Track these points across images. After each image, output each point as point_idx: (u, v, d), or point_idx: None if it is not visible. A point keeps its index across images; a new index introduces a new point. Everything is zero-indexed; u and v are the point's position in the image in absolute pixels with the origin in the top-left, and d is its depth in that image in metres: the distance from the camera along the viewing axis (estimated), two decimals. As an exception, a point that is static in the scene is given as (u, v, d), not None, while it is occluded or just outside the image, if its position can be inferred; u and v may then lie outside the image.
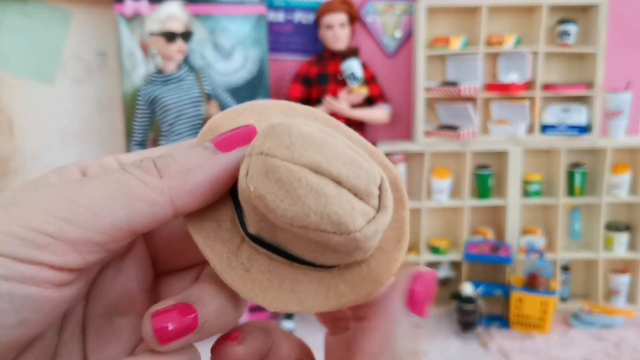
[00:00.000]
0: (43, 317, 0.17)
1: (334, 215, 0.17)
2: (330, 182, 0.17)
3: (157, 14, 1.98)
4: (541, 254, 2.26)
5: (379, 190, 0.18)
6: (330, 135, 0.19)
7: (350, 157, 0.18)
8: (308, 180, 0.17)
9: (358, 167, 0.18)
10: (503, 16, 2.41)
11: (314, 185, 0.17)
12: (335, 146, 0.18)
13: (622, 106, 2.27)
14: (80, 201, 0.17)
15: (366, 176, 0.18)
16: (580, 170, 2.36)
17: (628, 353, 2.01)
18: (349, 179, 0.17)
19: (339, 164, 0.17)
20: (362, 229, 0.17)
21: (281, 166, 0.17)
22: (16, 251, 0.16)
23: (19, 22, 2.24)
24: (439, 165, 2.43)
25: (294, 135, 0.18)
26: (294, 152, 0.17)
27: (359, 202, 0.17)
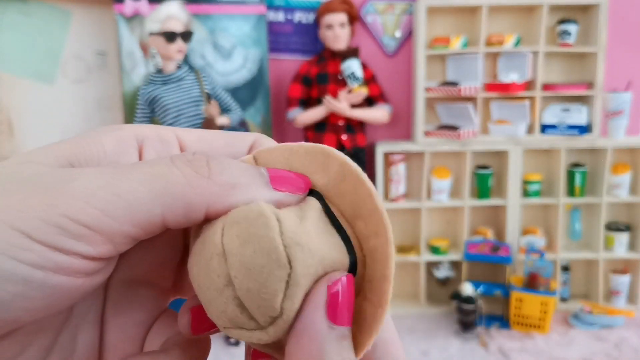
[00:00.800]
0: (68, 302, 0.17)
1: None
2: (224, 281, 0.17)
3: (157, 14, 1.98)
4: (541, 254, 2.26)
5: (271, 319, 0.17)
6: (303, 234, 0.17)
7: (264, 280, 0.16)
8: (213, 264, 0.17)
9: (262, 291, 0.16)
10: (503, 16, 2.41)
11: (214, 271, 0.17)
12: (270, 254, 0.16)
13: (623, 106, 2.27)
14: (121, 194, 0.17)
15: (260, 303, 0.16)
16: (580, 170, 2.36)
17: (628, 353, 2.01)
18: (243, 292, 0.17)
19: (247, 278, 0.16)
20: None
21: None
22: (54, 240, 0.16)
23: (18, 22, 2.24)
24: (439, 165, 2.43)
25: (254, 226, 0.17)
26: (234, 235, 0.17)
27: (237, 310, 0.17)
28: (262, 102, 2.36)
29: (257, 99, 2.35)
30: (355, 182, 0.19)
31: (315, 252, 0.17)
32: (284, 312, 0.16)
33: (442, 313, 2.38)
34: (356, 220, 0.19)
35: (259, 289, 0.16)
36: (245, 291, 0.16)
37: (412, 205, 2.39)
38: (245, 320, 0.17)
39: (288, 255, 0.16)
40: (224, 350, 2.14)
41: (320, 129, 2.30)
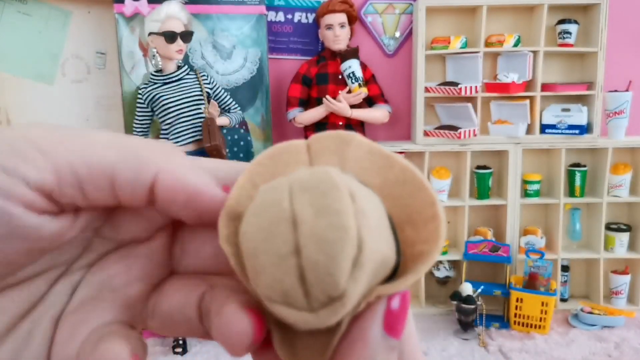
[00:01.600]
0: (18, 244, 0.17)
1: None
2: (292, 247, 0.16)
3: (156, 14, 1.98)
4: (541, 254, 2.26)
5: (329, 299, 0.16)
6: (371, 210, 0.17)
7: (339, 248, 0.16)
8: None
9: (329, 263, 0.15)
10: (503, 16, 2.41)
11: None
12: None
13: (623, 106, 2.27)
14: (83, 134, 0.18)
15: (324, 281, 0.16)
16: (580, 170, 2.36)
17: (629, 353, 2.01)
18: (310, 264, 0.16)
19: (318, 249, 0.16)
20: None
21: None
22: (2, 159, 0.16)
23: (18, 22, 2.24)
24: (438, 165, 2.43)
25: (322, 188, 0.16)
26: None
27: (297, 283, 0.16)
28: (262, 102, 2.36)
29: (257, 99, 2.35)
30: (414, 189, 0.19)
31: (379, 240, 0.17)
32: (344, 295, 0.16)
33: (442, 313, 2.38)
34: (405, 225, 0.19)
35: (328, 263, 0.15)
36: (313, 262, 0.15)
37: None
38: (299, 297, 0.16)
39: (359, 235, 0.16)
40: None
41: (320, 129, 2.30)
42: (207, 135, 2.00)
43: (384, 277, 0.18)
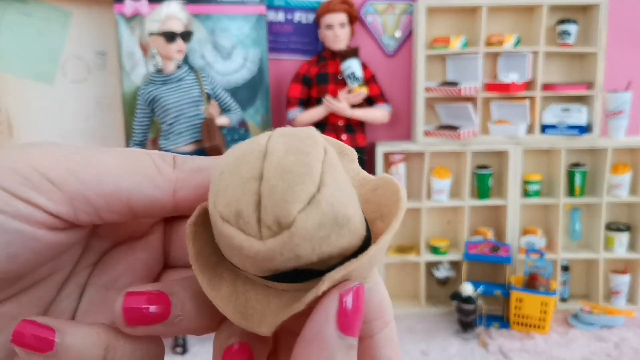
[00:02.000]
0: (31, 256, 0.18)
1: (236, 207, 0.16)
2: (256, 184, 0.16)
3: (156, 14, 1.98)
4: (541, 254, 2.26)
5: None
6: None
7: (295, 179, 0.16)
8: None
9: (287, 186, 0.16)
10: (503, 16, 2.41)
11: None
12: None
13: (623, 106, 2.27)
14: (91, 161, 0.18)
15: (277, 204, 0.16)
16: (580, 170, 2.36)
17: (628, 353, 2.01)
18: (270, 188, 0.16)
19: (278, 176, 0.16)
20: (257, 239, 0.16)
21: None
22: (16, 188, 0.17)
23: (18, 22, 2.24)
24: (439, 165, 2.43)
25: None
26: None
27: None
28: (262, 102, 2.36)
29: (257, 99, 2.35)
30: (386, 189, 0.20)
31: (342, 195, 0.17)
32: (294, 224, 0.16)
33: (442, 313, 2.38)
34: (377, 220, 0.19)
35: (285, 189, 0.16)
36: (271, 187, 0.16)
37: (412, 205, 2.39)
38: (251, 220, 0.16)
39: (322, 179, 0.16)
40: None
41: (320, 129, 2.28)
42: (206, 135, 2.01)
43: (348, 251, 0.17)
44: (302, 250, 0.16)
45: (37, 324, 0.17)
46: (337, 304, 0.17)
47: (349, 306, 0.17)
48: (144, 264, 0.22)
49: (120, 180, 0.18)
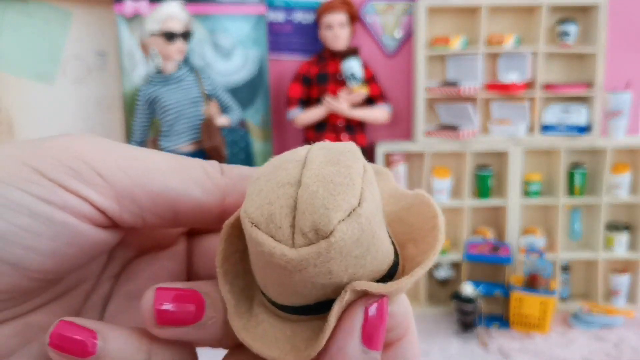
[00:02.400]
0: (74, 253, 0.17)
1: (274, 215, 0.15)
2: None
3: (156, 14, 1.98)
4: (541, 254, 2.26)
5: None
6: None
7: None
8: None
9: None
10: (503, 16, 2.41)
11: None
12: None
13: (622, 106, 2.27)
14: (140, 158, 0.18)
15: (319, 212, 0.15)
16: (580, 171, 2.36)
17: (628, 353, 2.01)
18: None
19: (319, 184, 0.15)
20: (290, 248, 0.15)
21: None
22: (63, 179, 0.16)
23: (19, 22, 2.24)
24: (439, 165, 2.43)
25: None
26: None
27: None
28: (262, 102, 2.36)
29: (257, 99, 2.35)
30: (419, 208, 0.19)
31: (378, 214, 0.16)
32: (333, 234, 0.14)
33: (442, 313, 2.38)
34: (408, 243, 0.18)
35: (327, 196, 0.15)
36: (310, 192, 0.15)
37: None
38: (284, 224, 0.15)
39: (362, 193, 0.15)
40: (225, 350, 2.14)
41: (320, 129, 2.30)
42: (206, 135, 2.01)
43: (376, 275, 0.17)
44: (335, 266, 0.15)
45: (77, 326, 0.16)
46: (362, 317, 0.16)
47: (374, 319, 0.16)
48: (169, 273, 0.21)
49: (169, 180, 0.18)
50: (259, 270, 0.17)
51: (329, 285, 0.15)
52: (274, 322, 0.17)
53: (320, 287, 0.15)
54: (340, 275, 0.15)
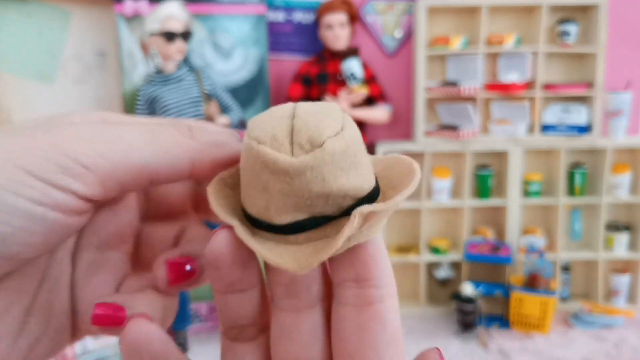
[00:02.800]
0: (58, 241, 0.19)
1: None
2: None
3: (156, 14, 1.98)
4: (541, 254, 2.26)
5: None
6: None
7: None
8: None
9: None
10: (503, 16, 2.41)
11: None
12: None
13: (623, 106, 2.27)
14: (118, 140, 0.19)
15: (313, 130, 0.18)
16: (580, 170, 2.36)
17: (628, 353, 2.01)
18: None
19: (310, 114, 0.19)
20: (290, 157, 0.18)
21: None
22: (54, 178, 0.17)
23: (18, 22, 2.24)
24: (439, 165, 2.43)
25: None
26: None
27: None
28: (262, 102, 2.36)
29: (257, 99, 2.35)
30: (399, 166, 0.22)
31: (358, 139, 0.19)
32: (324, 145, 0.18)
33: (442, 313, 2.38)
34: (388, 189, 0.21)
35: (316, 122, 0.18)
36: (303, 120, 0.18)
37: (412, 205, 2.39)
38: (285, 143, 0.18)
39: (344, 123, 0.19)
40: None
41: (320, 129, 2.30)
42: (207, 135, 2.00)
43: (360, 193, 0.19)
44: (327, 174, 0.18)
45: (109, 305, 0.20)
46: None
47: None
48: (129, 223, 0.23)
49: (146, 157, 0.19)
50: (257, 194, 0.19)
51: (322, 195, 0.18)
52: (276, 244, 0.19)
53: (315, 196, 0.18)
54: (331, 184, 0.18)
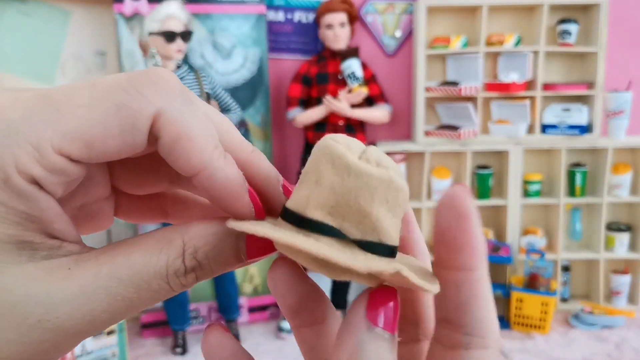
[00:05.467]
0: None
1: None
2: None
3: (156, 14, 1.98)
4: (542, 254, 2.25)
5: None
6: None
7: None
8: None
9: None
10: (503, 16, 2.40)
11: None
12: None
13: (623, 106, 2.27)
14: (63, 113, 0.18)
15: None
16: (580, 170, 2.35)
17: (629, 354, 2.01)
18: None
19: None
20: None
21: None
22: (33, 173, 0.17)
23: (18, 22, 2.24)
24: (439, 165, 2.43)
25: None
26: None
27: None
28: (262, 102, 2.35)
29: (257, 98, 2.35)
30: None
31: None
32: (388, 169, 0.19)
33: (443, 313, 2.37)
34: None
35: (387, 158, 0.20)
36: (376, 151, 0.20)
37: (412, 205, 2.38)
38: (356, 154, 0.19)
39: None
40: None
41: (320, 129, 2.30)
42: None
43: (387, 239, 0.20)
44: (376, 195, 0.19)
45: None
46: (367, 296, 0.19)
47: (378, 298, 0.18)
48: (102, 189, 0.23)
49: (90, 125, 0.18)
50: (306, 186, 0.20)
51: (361, 211, 0.19)
52: (306, 238, 0.20)
53: (355, 207, 0.19)
54: (373, 207, 0.19)
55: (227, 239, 0.20)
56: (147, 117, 0.18)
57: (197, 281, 0.20)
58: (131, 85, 0.18)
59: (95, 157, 0.18)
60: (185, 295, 2.18)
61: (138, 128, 0.18)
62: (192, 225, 0.20)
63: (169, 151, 0.19)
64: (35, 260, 0.18)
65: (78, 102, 0.18)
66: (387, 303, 0.18)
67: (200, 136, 0.19)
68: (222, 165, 0.19)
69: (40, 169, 0.17)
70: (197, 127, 0.19)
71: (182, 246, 0.19)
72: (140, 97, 0.18)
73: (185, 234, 0.20)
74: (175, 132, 0.18)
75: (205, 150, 0.19)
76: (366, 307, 0.18)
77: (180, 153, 0.19)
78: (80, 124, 0.17)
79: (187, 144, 0.19)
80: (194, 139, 0.19)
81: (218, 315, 2.31)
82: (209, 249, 0.20)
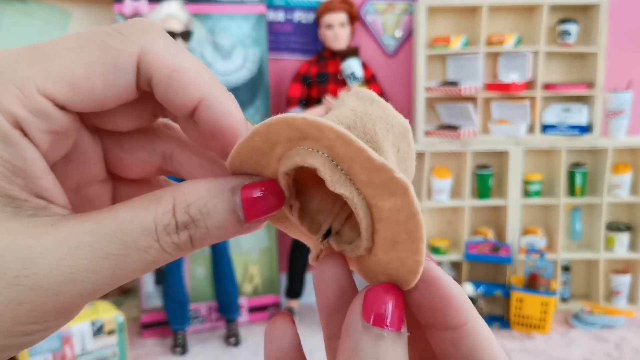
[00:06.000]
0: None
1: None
2: None
3: (156, 13, 1.98)
4: (542, 254, 2.25)
5: None
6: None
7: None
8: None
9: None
10: (503, 16, 2.40)
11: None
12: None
13: (623, 106, 2.27)
14: (48, 62, 0.18)
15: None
16: (581, 170, 2.35)
17: (629, 354, 2.01)
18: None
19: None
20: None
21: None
22: (23, 120, 0.17)
23: (18, 22, 2.24)
24: (439, 165, 2.43)
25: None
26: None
27: None
28: (262, 102, 2.35)
29: (257, 98, 2.35)
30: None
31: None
32: (388, 103, 0.20)
33: (443, 313, 2.37)
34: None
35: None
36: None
37: (412, 205, 2.38)
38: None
39: None
40: (225, 350, 2.13)
41: (320, 129, 2.30)
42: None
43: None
44: (392, 133, 0.19)
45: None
46: (362, 295, 0.18)
47: (372, 297, 0.18)
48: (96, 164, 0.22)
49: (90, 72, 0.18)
50: (329, 112, 0.20)
51: (374, 142, 0.19)
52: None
53: (370, 136, 0.19)
54: (385, 142, 0.19)
55: (221, 194, 0.19)
56: (131, 54, 0.18)
57: (192, 244, 0.18)
58: (114, 29, 0.18)
59: (80, 101, 0.17)
60: (185, 295, 2.18)
61: (122, 67, 0.18)
62: (183, 184, 0.19)
63: (165, 89, 0.18)
64: (19, 218, 0.17)
65: (62, 45, 0.18)
66: (385, 301, 0.18)
67: (194, 66, 0.19)
68: (222, 95, 0.19)
69: (24, 110, 0.16)
70: (188, 59, 0.19)
71: (172, 202, 0.18)
72: (122, 37, 0.18)
73: (176, 191, 0.19)
74: (166, 66, 0.18)
75: (202, 78, 0.19)
76: (362, 306, 0.18)
77: (176, 86, 0.18)
78: (63, 65, 0.17)
79: (181, 75, 0.18)
80: (188, 70, 0.18)
81: (218, 315, 2.31)
82: (202, 203, 0.18)
